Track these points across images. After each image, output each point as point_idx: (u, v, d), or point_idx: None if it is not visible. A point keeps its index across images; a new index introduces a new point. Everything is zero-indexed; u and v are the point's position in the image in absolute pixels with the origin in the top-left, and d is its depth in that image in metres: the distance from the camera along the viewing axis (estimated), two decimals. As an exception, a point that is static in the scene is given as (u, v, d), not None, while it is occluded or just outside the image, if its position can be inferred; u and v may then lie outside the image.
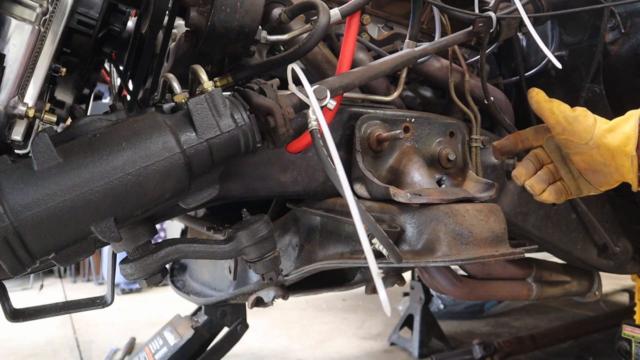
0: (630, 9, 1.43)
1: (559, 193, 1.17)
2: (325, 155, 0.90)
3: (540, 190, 1.18)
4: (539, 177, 1.18)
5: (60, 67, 1.00)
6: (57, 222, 0.75)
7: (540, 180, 1.18)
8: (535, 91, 1.13)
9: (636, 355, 1.80)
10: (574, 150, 1.09)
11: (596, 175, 1.10)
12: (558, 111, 1.09)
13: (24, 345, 3.13)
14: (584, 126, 1.06)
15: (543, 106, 1.11)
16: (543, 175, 1.18)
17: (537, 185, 1.17)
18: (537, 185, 1.17)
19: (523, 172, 1.18)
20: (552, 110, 1.09)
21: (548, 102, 1.11)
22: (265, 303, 1.52)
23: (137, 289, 4.65)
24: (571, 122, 1.07)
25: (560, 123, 1.08)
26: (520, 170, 1.18)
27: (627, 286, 3.74)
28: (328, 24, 1.02)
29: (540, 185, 1.18)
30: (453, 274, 1.70)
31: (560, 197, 1.18)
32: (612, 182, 1.11)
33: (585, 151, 1.07)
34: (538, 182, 1.17)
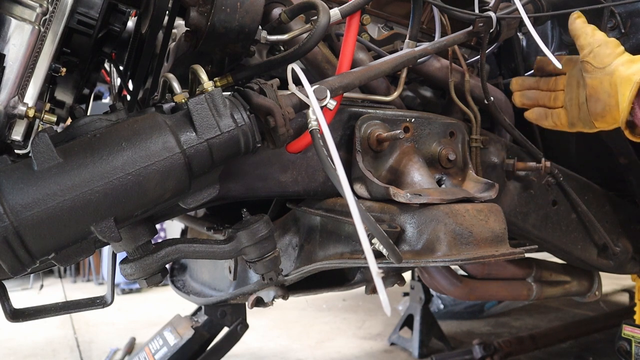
0: (630, 9, 1.43)
1: (542, 116, 1.26)
2: (325, 155, 0.90)
3: (519, 104, 1.31)
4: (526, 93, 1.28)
5: (60, 67, 1.00)
6: (57, 222, 0.75)
7: (524, 96, 1.28)
8: (577, 14, 1.19)
9: (636, 355, 1.80)
10: (590, 75, 1.12)
11: (597, 104, 1.13)
12: (592, 33, 1.13)
13: (24, 345, 3.12)
14: (609, 52, 1.10)
15: (581, 27, 1.16)
16: (530, 94, 1.27)
17: (518, 98, 1.30)
18: (517, 98, 1.31)
19: (518, 82, 1.31)
20: (587, 32, 1.14)
21: (587, 25, 1.15)
22: (265, 303, 1.52)
23: (137, 289, 4.64)
24: (601, 44, 1.11)
25: (591, 44, 1.12)
26: (517, 80, 1.30)
27: (627, 286, 3.74)
28: (328, 24, 1.02)
29: (520, 99, 1.30)
30: (453, 274, 1.70)
31: (541, 119, 1.26)
32: (608, 117, 1.14)
33: (598, 76, 1.11)
34: (521, 95, 1.29)
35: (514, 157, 1.43)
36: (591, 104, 1.14)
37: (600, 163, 1.64)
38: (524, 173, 1.45)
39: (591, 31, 1.14)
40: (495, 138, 1.42)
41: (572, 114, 1.19)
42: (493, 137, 1.41)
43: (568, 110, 1.20)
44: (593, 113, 1.15)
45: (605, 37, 1.13)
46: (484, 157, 1.38)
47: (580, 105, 1.17)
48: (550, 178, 1.46)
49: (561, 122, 1.23)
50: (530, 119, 1.29)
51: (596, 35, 1.13)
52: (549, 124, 1.25)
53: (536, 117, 1.26)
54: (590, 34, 1.14)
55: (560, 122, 1.23)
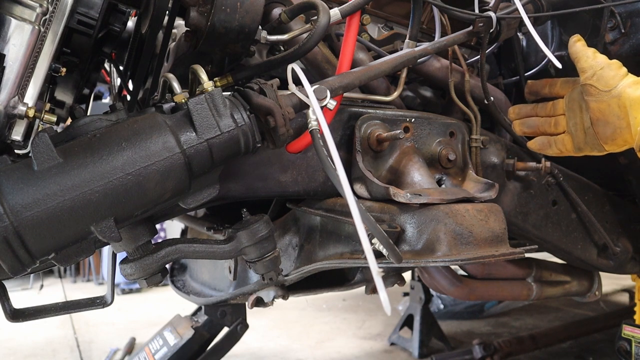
0: (630, 9, 1.43)
1: (545, 145, 1.22)
2: (325, 155, 0.90)
3: (520, 132, 1.27)
4: (526, 121, 1.24)
5: (60, 67, 1.00)
6: (57, 222, 0.75)
7: (524, 124, 1.24)
8: (577, 37, 1.16)
9: (636, 355, 1.80)
10: (595, 98, 1.09)
11: (606, 127, 1.10)
12: (593, 57, 1.11)
13: (24, 345, 3.12)
14: (613, 74, 1.08)
15: (581, 49, 1.13)
16: (531, 122, 1.23)
17: (518, 127, 1.26)
18: (517, 127, 1.27)
19: (515, 111, 1.27)
20: (588, 55, 1.12)
21: (587, 48, 1.13)
22: (265, 303, 1.52)
23: (137, 289, 4.64)
24: (603, 67, 1.09)
25: (593, 67, 1.10)
26: (514, 109, 1.26)
27: (627, 286, 3.74)
28: (328, 24, 1.02)
29: (520, 128, 1.26)
30: (453, 274, 1.70)
31: (545, 148, 1.22)
32: (618, 139, 1.11)
33: (605, 99, 1.08)
34: (521, 124, 1.25)
35: (514, 157, 1.43)
36: (599, 128, 1.11)
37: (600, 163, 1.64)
38: (524, 173, 1.45)
39: (592, 54, 1.12)
40: (495, 138, 1.42)
41: (578, 139, 1.16)
42: (493, 137, 1.41)
43: (573, 135, 1.16)
44: (602, 137, 1.12)
45: (607, 60, 1.11)
46: (484, 157, 1.38)
47: (586, 129, 1.14)
48: (550, 178, 1.46)
49: (566, 149, 1.19)
50: (533, 148, 1.25)
51: (597, 58, 1.11)
52: (554, 152, 1.21)
53: (539, 146, 1.22)
54: (591, 57, 1.11)
55: (565, 149, 1.19)
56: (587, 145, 1.15)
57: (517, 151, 1.46)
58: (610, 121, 1.08)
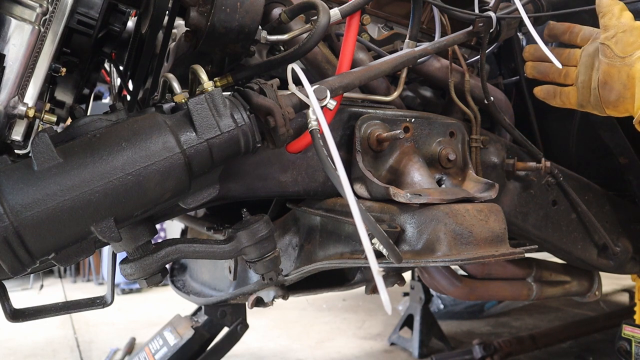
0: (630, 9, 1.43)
1: (550, 93, 1.21)
2: (325, 155, 0.90)
3: (530, 75, 1.26)
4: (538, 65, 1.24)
5: (60, 67, 1.00)
6: (57, 222, 0.75)
7: (536, 68, 1.24)
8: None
9: (636, 355, 1.80)
10: (608, 60, 1.06)
11: (611, 93, 1.08)
12: (619, 15, 1.06)
13: (24, 345, 3.12)
14: (632, 40, 1.04)
15: (607, 4, 1.08)
16: (542, 67, 1.22)
17: (529, 69, 1.26)
18: (529, 69, 1.27)
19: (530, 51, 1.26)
20: (613, 12, 1.07)
21: (615, 2, 1.08)
22: (265, 303, 1.52)
23: (137, 289, 4.64)
24: (625, 30, 1.04)
25: (615, 27, 1.05)
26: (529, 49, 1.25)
27: (627, 286, 3.74)
28: (328, 24, 1.02)
29: (531, 71, 1.26)
30: (453, 274, 1.70)
31: (549, 97, 1.21)
32: (620, 107, 1.09)
33: (617, 65, 1.05)
34: (533, 67, 1.25)
35: (514, 157, 1.43)
36: (604, 92, 1.09)
37: (600, 163, 1.64)
38: (524, 173, 1.45)
39: (618, 11, 1.06)
40: (495, 138, 1.42)
41: (583, 96, 1.14)
42: (493, 137, 1.41)
43: (579, 91, 1.14)
44: (605, 100, 1.10)
45: (632, 22, 1.05)
46: (484, 157, 1.38)
47: (592, 89, 1.12)
48: (550, 178, 1.46)
49: (570, 102, 1.17)
50: (538, 96, 1.24)
51: (622, 18, 1.05)
52: (557, 102, 1.20)
53: (544, 95, 1.21)
54: (616, 15, 1.06)
55: (569, 102, 1.18)
56: (589, 104, 1.14)
57: (517, 151, 1.46)
58: (616, 88, 1.06)
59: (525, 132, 1.47)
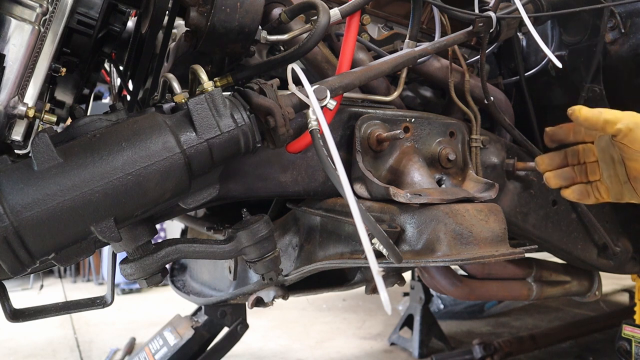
0: (630, 9, 1.43)
1: (584, 194, 1.14)
2: (325, 155, 0.90)
3: (556, 185, 1.16)
4: (562, 173, 1.15)
5: (60, 67, 1.00)
6: (57, 222, 0.75)
7: (560, 176, 1.15)
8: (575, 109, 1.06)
9: (636, 355, 1.80)
10: (631, 157, 1.03)
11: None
12: (615, 119, 1.03)
13: (24, 345, 3.13)
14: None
15: (595, 120, 1.04)
16: (567, 173, 1.14)
17: (554, 180, 1.16)
18: (553, 180, 1.16)
19: (545, 162, 1.16)
20: (608, 120, 1.03)
21: (597, 113, 1.04)
22: (265, 303, 1.52)
23: (137, 289, 4.65)
24: (632, 128, 1.01)
25: (620, 130, 1.02)
26: (544, 159, 1.16)
27: (627, 286, 3.74)
28: (328, 24, 1.02)
29: (557, 181, 1.16)
30: (453, 274, 1.70)
31: (585, 197, 1.14)
32: None
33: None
34: (557, 176, 1.15)
35: (514, 157, 1.43)
36: (637, 185, 1.06)
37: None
38: (524, 173, 1.45)
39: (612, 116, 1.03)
40: (495, 138, 1.42)
41: (615, 191, 1.11)
42: (493, 137, 1.41)
43: (609, 186, 1.11)
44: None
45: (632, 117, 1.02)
46: (484, 157, 1.38)
47: (623, 183, 1.08)
48: (550, 178, 1.46)
49: (603, 198, 1.13)
50: (572, 198, 1.17)
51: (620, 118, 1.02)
52: (592, 200, 1.15)
53: (578, 196, 1.15)
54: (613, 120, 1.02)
55: (603, 198, 1.13)
56: (625, 196, 1.10)
57: (517, 151, 1.46)
58: None
59: (525, 132, 1.47)
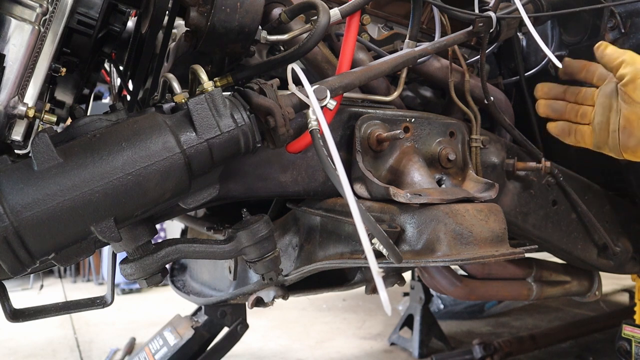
0: (630, 9, 1.43)
1: (565, 131, 1.15)
2: (325, 155, 0.90)
3: (543, 114, 1.18)
4: (553, 103, 1.16)
5: (60, 67, 1.00)
6: (57, 222, 0.75)
7: (550, 107, 1.16)
8: (603, 44, 1.08)
9: (636, 355, 1.80)
10: (628, 105, 1.03)
11: (630, 138, 1.05)
12: (632, 61, 1.03)
13: (24, 345, 3.12)
14: None
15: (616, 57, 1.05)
16: (557, 105, 1.14)
17: (543, 108, 1.18)
18: (542, 108, 1.18)
19: (544, 90, 1.17)
20: (625, 60, 1.04)
21: (622, 52, 1.05)
22: (265, 303, 1.52)
23: (137, 289, 4.64)
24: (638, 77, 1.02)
25: (631, 74, 1.02)
26: (542, 87, 1.17)
27: (627, 286, 3.74)
28: (328, 24, 1.02)
29: (545, 109, 1.17)
30: (453, 274, 1.70)
31: (564, 135, 1.15)
32: (638, 152, 1.07)
33: (637, 111, 1.02)
34: (547, 105, 1.17)
35: (514, 157, 1.43)
36: (624, 136, 1.06)
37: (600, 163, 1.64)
38: (524, 173, 1.45)
39: (630, 58, 1.03)
40: (495, 138, 1.42)
41: (600, 138, 1.11)
42: (493, 137, 1.41)
43: (596, 132, 1.11)
44: (623, 145, 1.07)
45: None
46: (484, 157, 1.38)
47: (611, 132, 1.09)
48: (550, 178, 1.46)
49: (585, 142, 1.14)
50: (552, 132, 1.18)
51: (637, 64, 1.03)
52: (571, 140, 1.16)
53: (559, 132, 1.16)
54: (630, 62, 1.03)
55: (583, 141, 1.14)
56: (606, 146, 1.11)
57: (517, 151, 1.46)
58: (635, 134, 1.04)
59: (525, 132, 1.47)
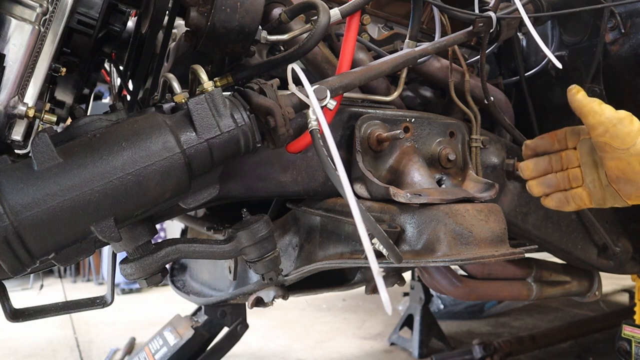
0: (630, 9, 1.43)
1: (563, 202, 1.11)
2: (325, 155, 0.90)
3: (539, 193, 1.13)
4: (545, 180, 1.12)
5: (60, 67, 1.00)
6: (57, 222, 0.75)
7: (543, 184, 1.12)
8: (575, 88, 1.05)
9: (636, 355, 1.80)
10: (612, 155, 1.01)
11: (628, 185, 1.03)
12: (601, 111, 1.01)
13: (24, 345, 3.13)
14: (628, 130, 0.99)
15: (585, 104, 1.03)
16: (550, 179, 1.11)
17: (537, 188, 1.13)
18: (536, 188, 1.13)
19: (530, 168, 1.12)
20: (595, 110, 1.01)
21: (590, 100, 1.03)
22: (265, 303, 1.52)
23: (137, 289, 4.65)
24: (615, 124, 0.99)
25: (603, 124, 1.00)
26: (528, 165, 1.13)
27: (627, 286, 3.74)
28: (328, 24, 1.02)
29: (540, 189, 1.13)
30: (453, 274, 1.70)
31: (564, 205, 1.11)
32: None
33: (624, 157, 1.00)
34: (539, 184, 1.12)
35: (514, 157, 1.43)
36: (620, 186, 1.04)
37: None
38: (524, 173, 1.45)
39: (599, 108, 1.01)
40: (495, 138, 1.42)
41: (598, 196, 1.08)
42: (493, 137, 1.41)
43: (591, 190, 1.09)
44: (625, 194, 1.05)
45: (616, 113, 1.01)
46: (484, 157, 1.38)
47: (605, 187, 1.06)
48: (550, 178, 1.46)
49: (585, 204, 1.11)
50: (551, 206, 1.14)
51: (606, 112, 1.01)
52: (572, 207, 1.12)
53: (558, 204, 1.12)
54: (599, 112, 1.01)
55: (584, 204, 1.11)
56: (607, 200, 1.08)
57: (517, 151, 1.46)
58: (633, 179, 1.01)
59: (525, 132, 1.47)
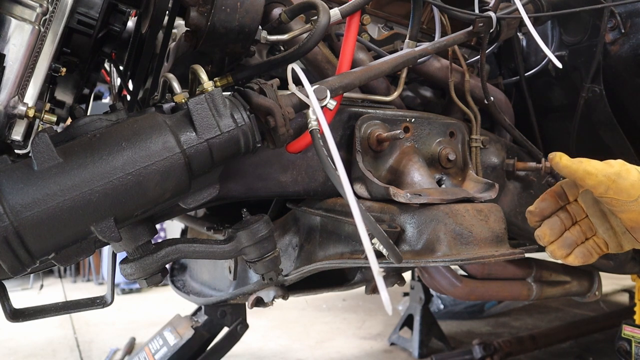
0: (630, 9, 1.43)
1: (587, 255, 1.07)
2: (325, 155, 0.90)
3: (563, 256, 1.08)
4: (564, 242, 1.07)
5: (60, 67, 1.00)
6: (57, 222, 0.75)
7: (565, 245, 1.07)
8: (557, 156, 1.00)
9: (636, 356, 1.80)
10: (621, 209, 0.97)
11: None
12: (595, 170, 0.96)
13: (24, 345, 3.12)
14: (630, 182, 0.95)
15: (575, 169, 0.98)
16: (569, 239, 1.07)
17: (559, 251, 1.07)
18: (559, 251, 1.07)
19: (547, 233, 1.07)
20: (589, 171, 0.97)
21: (578, 162, 0.98)
22: (265, 303, 1.52)
23: (137, 289, 4.64)
24: (614, 179, 0.95)
25: (603, 183, 0.96)
26: (545, 231, 1.08)
27: (627, 286, 3.74)
28: (328, 24, 1.02)
29: (563, 251, 1.07)
30: (453, 274, 1.70)
31: (589, 258, 1.08)
32: None
33: (634, 209, 0.96)
34: (561, 247, 1.07)
35: (514, 157, 1.43)
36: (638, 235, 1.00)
37: (600, 163, 1.64)
38: (524, 173, 1.45)
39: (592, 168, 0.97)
40: (495, 138, 1.42)
41: (615, 242, 1.06)
42: (493, 137, 1.41)
43: (607, 239, 1.06)
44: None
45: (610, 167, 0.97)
46: (484, 157, 1.38)
47: (622, 234, 1.04)
48: (550, 178, 1.46)
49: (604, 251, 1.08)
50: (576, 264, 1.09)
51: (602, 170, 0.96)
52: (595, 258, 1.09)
53: (582, 260, 1.07)
54: (594, 172, 0.96)
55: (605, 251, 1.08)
56: (625, 246, 1.05)
57: (517, 151, 1.46)
58: None
59: (525, 132, 1.47)
